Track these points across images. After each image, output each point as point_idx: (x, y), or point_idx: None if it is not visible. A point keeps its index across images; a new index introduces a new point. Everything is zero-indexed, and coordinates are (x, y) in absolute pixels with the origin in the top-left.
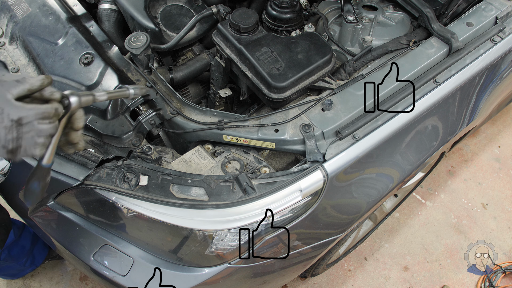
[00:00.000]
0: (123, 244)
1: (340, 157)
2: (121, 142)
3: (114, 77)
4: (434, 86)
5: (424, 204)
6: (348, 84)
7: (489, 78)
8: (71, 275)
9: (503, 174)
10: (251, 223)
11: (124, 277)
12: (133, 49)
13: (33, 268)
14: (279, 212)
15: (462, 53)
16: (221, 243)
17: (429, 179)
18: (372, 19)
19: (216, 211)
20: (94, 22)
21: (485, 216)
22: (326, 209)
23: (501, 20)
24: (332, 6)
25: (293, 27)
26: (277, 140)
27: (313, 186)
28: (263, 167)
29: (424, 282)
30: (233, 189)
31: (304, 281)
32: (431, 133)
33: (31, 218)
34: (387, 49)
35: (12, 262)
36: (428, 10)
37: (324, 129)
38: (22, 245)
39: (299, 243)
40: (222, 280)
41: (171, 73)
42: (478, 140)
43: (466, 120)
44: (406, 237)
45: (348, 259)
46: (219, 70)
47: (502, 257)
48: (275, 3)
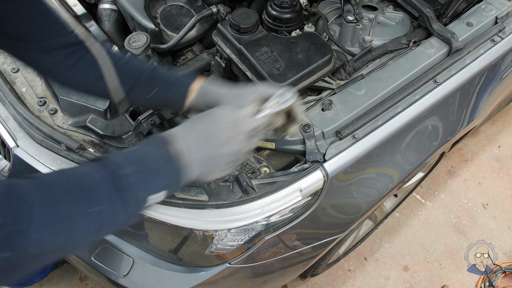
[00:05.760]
0: (123, 244)
1: (340, 157)
2: (121, 142)
3: None
4: (434, 86)
5: (424, 204)
6: (348, 84)
7: (489, 78)
8: (71, 275)
9: (503, 174)
10: (251, 223)
11: (124, 277)
12: (133, 49)
13: (42, 277)
14: (279, 212)
15: (462, 53)
16: (221, 243)
17: (429, 179)
18: (372, 19)
19: (216, 211)
20: (94, 22)
21: (485, 216)
22: (326, 209)
23: (501, 20)
24: (332, 6)
25: (293, 27)
26: (277, 140)
27: (313, 186)
28: (263, 167)
29: (424, 282)
30: (233, 189)
31: (304, 281)
32: (431, 133)
33: None
34: (387, 49)
35: None
36: (428, 10)
37: (324, 129)
38: None
39: (299, 243)
40: (222, 280)
41: None
42: (478, 140)
43: (466, 120)
44: (406, 237)
45: (348, 259)
46: (219, 70)
47: (502, 257)
48: (275, 3)
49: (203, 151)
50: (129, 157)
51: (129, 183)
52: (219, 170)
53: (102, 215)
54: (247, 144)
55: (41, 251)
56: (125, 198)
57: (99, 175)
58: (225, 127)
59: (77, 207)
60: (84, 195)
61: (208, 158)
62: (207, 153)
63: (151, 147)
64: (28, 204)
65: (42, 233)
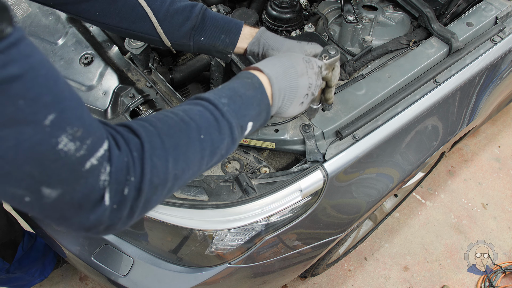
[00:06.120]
0: (123, 244)
1: (340, 157)
2: None
3: (114, 77)
4: (434, 86)
5: (424, 204)
6: (348, 84)
7: (489, 78)
8: (71, 275)
9: (503, 174)
10: (251, 223)
11: (124, 277)
12: (133, 49)
13: (41, 279)
14: (279, 212)
15: (462, 53)
16: (221, 243)
17: (429, 179)
18: (372, 19)
19: (216, 211)
20: None
21: (485, 216)
22: (326, 209)
23: (501, 20)
24: (332, 6)
25: (293, 27)
26: (277, 140)
27: (313, 186)
28: (263, 167)
29: (424, 282)
30: (233, 189)
31: (304, 281)
32: (431, 133)
33: (40, 226)
34: (387, 49)
35: (22, 274)
36: (428, 10)
37: (324, 129)
38: (33, 256)
39: (299, 243)
40: (222, 280)
41: (171, 73)
42: (478, 140)
43: (466, 120)
44: (406, 237)
45: (348, 259)
46: (219, 70)
47: (502, 257)
48: (275, 3)
49: (284, 81)
50: (223, 90)
51: (231, 110)
52: (296, 103)
53: (213, 141)
54: (317, 80)
55: (162, 178)
56: (230, 123)
57: (202, 107)
58: (300, 61)
59: (190, 134)
60: (194, 124)
61: (287, 88)
62: (287, 83)
63: (241, 80)
64: (147, 134)
65: (163, 159)
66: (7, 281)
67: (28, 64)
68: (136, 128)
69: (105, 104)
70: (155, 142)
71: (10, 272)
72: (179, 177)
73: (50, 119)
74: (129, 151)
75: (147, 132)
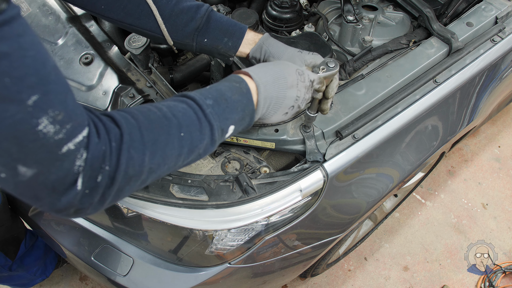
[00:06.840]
0: (123, 244)
1: (340, 157)
2: None
3: (114, 77)
4: (434, 86)
5: (424, 204)
6: (348, 84)
7: (489, 78)
8: (71, 275)
9: (503, 174)
10: (251, 223)
11: (124, 277)
12: (133, 49)
13: (43, 278)
14: (279, 212)
15: (462, 53)
16: (221, 243)
17: (429, 179)
18: (372, 19)
19: (216, 211)
20: (94, 22)
21: (485, 216)
22: (326, 209)
23: (501, 20)
24: (332, 6)
25: (293, 27)
26: (277, 140)
27: (313, 186)
28: (263, 167)
29: (424, 282)
30: (233, 189)
31: (304, 281)
32: (431, 133)
33: (40, 226)
34: (387, 49)
35: (23, 272)
36: (428, 10)
37: (324, 129)
38: (35, 254)
39: (299, 243)
40: (222, 280)
41: (171, 73)
42: (478, 140)
43: (466, 120)
44: (406, 237)
45: (348, 259)
46: (219, 70)
47: (502, 257)
48: (275, 3)
49: (272, 90)
50: (210, 91)
51: (214, 112)
52: (280, 113)
53: (192, 139)
54: (305, 94)
55: (137, 170)
56: (212, 125)
57: (186, 105)
58: (292, 72)
59: (170, 131)
60: (176, 121)
61: (274, 97)
62: (275, 93)
63: (229, 83)
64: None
65: (140, 152)
66: (9, 279)
67: (17, 44)
68: (118, 119)
69: (105, 104)
70: (135, 134)
71: (12, 270)
72: (154, 171)
73: (33, 100)
74: (108, 141)
75: (128, 124)
